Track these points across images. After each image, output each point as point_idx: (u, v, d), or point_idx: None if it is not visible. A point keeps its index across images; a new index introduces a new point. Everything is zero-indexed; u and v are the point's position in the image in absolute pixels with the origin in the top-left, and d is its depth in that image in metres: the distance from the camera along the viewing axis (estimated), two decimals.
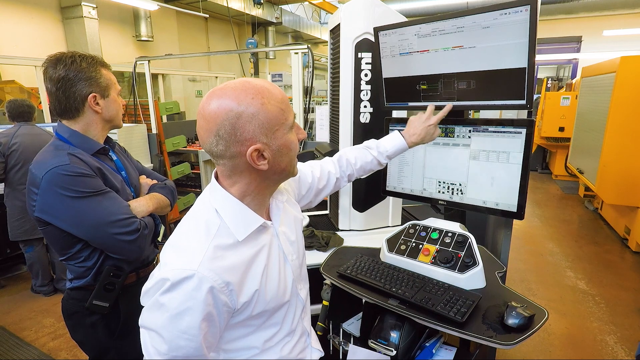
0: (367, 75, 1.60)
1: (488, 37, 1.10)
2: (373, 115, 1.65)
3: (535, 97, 6.60)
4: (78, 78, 1.11)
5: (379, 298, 1.14)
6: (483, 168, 1.25)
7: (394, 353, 1.12)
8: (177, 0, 7.86)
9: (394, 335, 1.14)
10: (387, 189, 1.54)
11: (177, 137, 3.96)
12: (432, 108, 1.24)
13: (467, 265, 1.17)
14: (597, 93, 4.14)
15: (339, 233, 1.72)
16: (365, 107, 1.64)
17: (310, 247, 1.55)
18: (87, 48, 6.11)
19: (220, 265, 0.68)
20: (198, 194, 0.81)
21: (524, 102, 1.11)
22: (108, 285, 1.18)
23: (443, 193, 1.37)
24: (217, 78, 5.90)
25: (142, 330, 0.68)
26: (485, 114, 1.59)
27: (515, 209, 1.20)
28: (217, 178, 0.78)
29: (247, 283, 0.72)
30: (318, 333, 1.24)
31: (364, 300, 1.26)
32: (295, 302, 0.87)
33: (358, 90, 1.62)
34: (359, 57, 1.57)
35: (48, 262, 3.06)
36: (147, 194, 1.31)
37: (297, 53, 2.83)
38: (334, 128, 1.82)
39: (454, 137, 1.31)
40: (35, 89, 4.49)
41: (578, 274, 3.33)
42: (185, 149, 4.19)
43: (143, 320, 0.67)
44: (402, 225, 1.39)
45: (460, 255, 1.20)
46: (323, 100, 6.62)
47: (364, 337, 1.29)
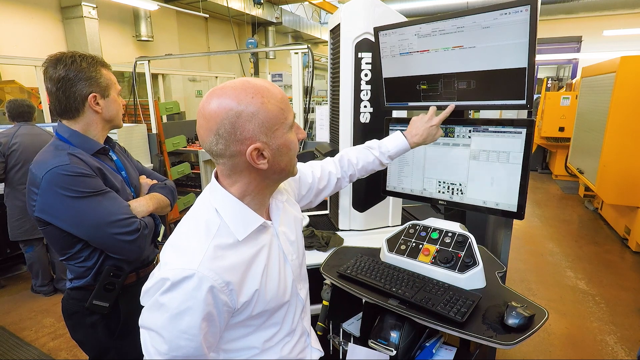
0: (367, 75, 1.60)
1: (488, 37, 1.10)
2: (373, 115, 1.65)
3: (535, 97, 6.59)
4: (78, 78, 1.11)
5: (379, 298, 1.14)
6: (483, 168, 1.25)
7: (394, 353, 1.12)
8: (177, 0, 7.86)
9: (394, 335, 1.14)
10: (387, 189, 1.54)
11: (177, 137, 3.96)
12: (434, 109, 1.25)
13: (467, 265, 1.17)
14: (597, 93, 4.14)
15: (339, 233, 1.72)
16: (365, 107, 1.64)
17: (310, 247, 1.55)
18: (87, 48, 6.11)
19: (221, 265, 0.68)
20: (198, 194, 0.81)
21: (524, 102, 1.11)
22: (108, 285, 1.18)
23: (443, 193, 1.37)
24: (217, 78, 5.90)
25: (142, 331, 0.68)
26: (485, 114, 1.59)
27: (515, 209, 1.20)
28: (217, 178, 0.78)
29: (247, 283, 0.72)
30: (318, 333, 1.24)
31: (364, 300, 1.26)
32: (295, 302, 0.87)
33: (358, 90, 1.62)
34: (359, 57, 1.57)
35: (48, 262, 3.06)
36: (147, 194, 1.31)
37: (297, 53, 2.83)
38: (334, 128, 1.82)
39: (454, 137, 1.31)
40: (35, 89, 4.49)
41: (578, 274, 3.33)
42: (185, 149, 4.19)
43: (143, 321, 0.67)
44: (402, 225, 1.39)
45: (460, 255, 1.20)
46: (323, 100, 6.62)
47: (364, 337, 1.29)
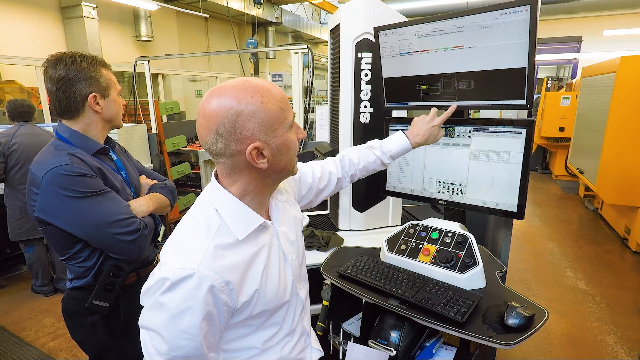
0: (367, 75, 1.60)
1: (488, 37, 1.10)
2: (373, 115, 1.65)
3: (535, 97, 6.60)
4: (78, 78, 1.11)
5: (379, 298, 1.14)
6: (483, 168, 1.25)
7: (394, 353, 1.12)
8: (177, 0, 7.86)
9: (394, 335, 1.14)
10: (387, 189, 1.54)
11: (177, 137, 3.96)
12: (435, 110, 1.25)
13: (467, 265, 1.17)
14: (597, 93, 4.14)
15: (339, 233, 1.72)
16: (365, 107, 1.64)
17: (310, 247, 1.55)
18: (87, 48, 6.11)
19: (221, 265, 0.68)
20: (198, 194, 0.81)
21: (524, 102, 1.11)
22: (108, 285, 1.18)
23: (443, 193, 1.37)
24: (217, 78, 5.90)
25: (141, 331, 0.68)
26: (485, 114, 1.59)
27: (516, 209, 1.20)
28: (217, 177, 0.78)
29: (247, 282, 0.72)
30: (318, 333, 1.24)
31: (364, 300, 1.26)
32: (295, 302, 0.87)
33: (358, 90, 1.62)
34: (359, 57, 1.57)
35: (48, 262, 3.06)
36: (147, 194, 1.31)
37: (297, 53, 2.83)
38: (334, 128, 1.82)
39: (454, 137, 1.31)
40: (35, 89, 4.49)
41: (578, 274, 3.33)
42: (185, 149, 4.19)
43: (143, 321, 0.67)
44: (402, 225, 1.39)
45: (460, 255, 1.20)
46: (323, 100, 6.62)
47: (364, 337, 1.29)
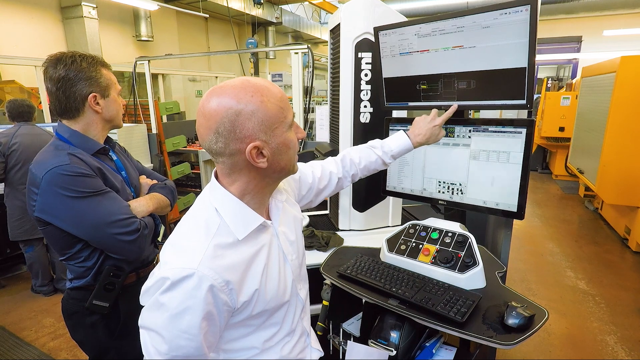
0: (367, 75, 1.60)
1: (488, 36, 1.10)
2: (373, 115, 1.65)
3: (536, 97, 6.60)
4: (78, 78, 1.11)
5: (379, 298, 1.14)
6: (483, 168, 1.25)
7: (394, 353, 1.12)
8: (177, 0, 7.86)
9: (394, 335, 1.14)
10: (387, 189, 1.54)
11: (177, 137, 3.96)
12: (436, 110, 1.25)
13: (467, 265, 1.17)
14: (597, 93, 4.14)
15: (339, 233, 1.72)
16: (365, 107, 1.64)
17: (310, 247, 1.55)
18: (87, 48, 6.11)
19: (220, 264, 0.68)
20: (198, 194, 0.81)
21: (524, 101, 1.11)
22: (108, 285, 1.18)
23: (443, 193, 1.36)
24: (217, 78, 5.90)
25: (141, 331, 0.68)
26: (486, 114, 1.59)
27: (516, 209, 1.20)
28: (216, 177, 0.78)
29: (247, 282, 0.72)
30: (318, 333, 1.24)
31: (364, 300, 1.26)
32: (295, 302, 0.87)
33: (358, 90, 1.62)
34: (359, 57, 1.57)
35: (48, 262, 3.06)
36: (147, 194, 1.31)
37: (297, 53, 2.83)
38: (334, 128, 1.82)
39: (454, 137, 1.31)
40: (35, 89, 4.49)
41: (578, 274, 3.33)
42: (185, 149, 4.19)
43: (143, 321, 0.67)
44: (402, 225, 1.39)
45: (460, 255, 1.20)
46: (323, 100, 6.62)
47: (364, 337, 1.29)
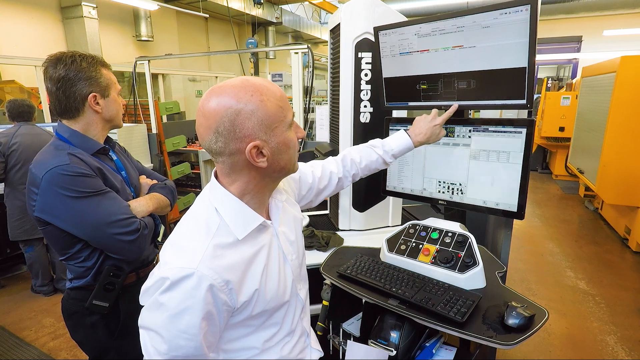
0: (367, 75, 1.59)
1: (488, 36, 1.10)
2: (373, 115, 1.65)
3: (536, 97, 6.60)
4: (78, 78, 1.11)
5: (379, 298, 1.14)
6: (483, 168, 1.25)
7: (394, 353, 1.12)
8: (177, 0, 7.86)
9: (394, 335, 1.14)
10: (387, 189, 1.54)
11: (177, 137, 3.96)
12: (436, 110, 1.25)
13: (467, 265, 1.17)
14: (597, 93, 4.14)
15: (339, 233, 1.72)
16: (365, 107, 1.64)
17: (310, 247, 1.55)
18: (87, 48, 6.11)
19: (220, 264, 0.68)
20: (198, 194, 0.81)
21: (524, 101, 1.11)
22: (108, 285, 1.18)
23: (443, 193, 1.36)
24: (217, 78, 5.90)
25: (141, 331, 0.68)
26: (486, 114, 1.59)
27: (516, 209, 1.20)
28: (216, 177, 0.78)
29: (246, 282, 0.72)
30: (318, 333, 1.24)
31: (364, 300, 1.26)
32: (295, 302, 0.87)
33: (358, 90, 1.62)
34: (359, 57, 1.57)
35: (48, 262, 3.06)
36: (147, 194, 1.31)
37: (297, 53, 2.83)
38: (334, 128, 1.82)
39: (454, 136, 1.31)
40: (35, 89, 4.49)
41: (578, 274, 3.33)
42: (185, 149, 4.19)
43: (142, 321, 0.67)
44: (402, 225, 1.39)
45: (461, 255, 1.20)
46: (323, 100, 6.62)
47: (364, 337, 1.29)
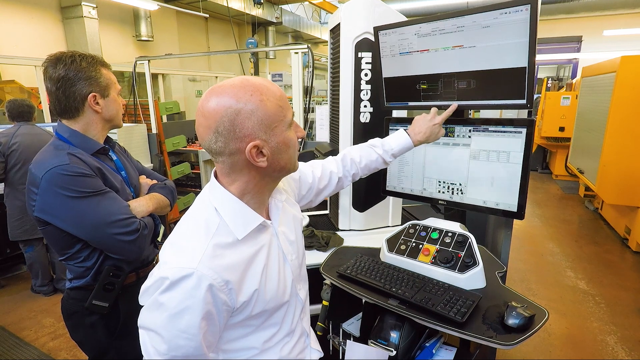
0: (367, 75, 1.59)
1: (488, 36, 1.10)
2: (373, 115, 1.65)
3: (536, 97, 6.59)
4: (78, 77, 1.11)
5: (379, 298, 1.14)
6: (483, 168, 1.25)
7: (394, 353, 1.12)
8: (177, 0, 7.86)
9: (394, 336, 1.14)
10: (387, 189, 1.54)
11: (177, 137, 3.96)
12: (435, 109, 1.25)
13: (467, 265, 1.17)
14: (597, 93, 4.14)
15: (339, 233, 1.72)
16: (365, 106, 1.64)
17: (310, 247, 1.55)
18: (87, 48, 6.10)
19: (220, 264, 0.68)
20: (198, 194, 0.81)
21: (524, 101, 1.11)
22: (108, 285, 1.18)
23: (443, 193, 1.36)
24: (217, 78, 5.90)
25: (141, 331, 0.68)
26: (486, 114, 1.59)
27: (516, 209, 1.20)
28: (216, 177, 0.77)
29: (246, 282, 0.72)
30: (318, 333, 1.23)
31: (364, 300, 1.26)
32: (295, 302, 0.87)
33: (358, 90, 1.61)
34: (359, 56, 1.57)
35: (48, 262, 3.06)
36: (147, 194, 1.31)
37: (297, 53, 2.83)
38: (334, 128, 1.82)
39: (454, 136, 1.30)
40: (35, 89, 4.49)
41: (578, 274, 3.33)
42: (185, 149, 4.19)
43: (142, 321, 0.67)
44: (402, 225, 1.39)
45: (461, 255, 1.20)
46: (323, 100, 6.61)
47: (364, 337, 1.29)
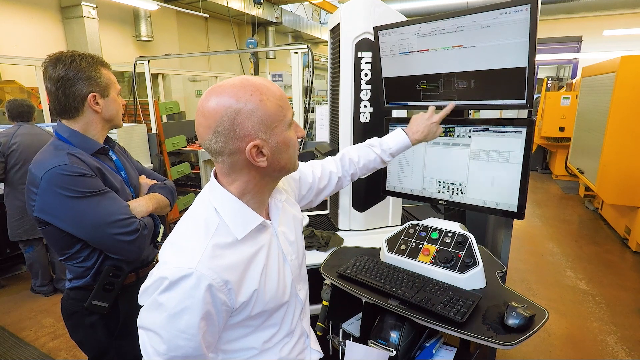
0: (367, 75, 1.59)
1: (488, 36, 1.10)
2: (373, 115, 1.65)
3: (536, 97, 6.59)
4: (78, 77, 1.11)
5: (379, 298, 1.14)
6: (483, 168, 1.25)
7: (394, 353, 1.12)
8: (177, 0, 7.86)
9: (394, 336, 1.14)
10: (387, 189, 1.54)
11: (177, 137, 3.96)
12: (433, 107, 1.25)
13: (467, 265, 1.17)
14: (597, 93, 4.14)
15: (339, 233, 1.72)
16: (365, 106, 1.64)
17: (310, 247, 1.55)
18: (87, 48, 6.10)
19: (219, 264, 0.68)
20: (198, 194, 0.81)
21: (524, 101, 1.11)
22: (107, 285, 1.18)
23: (443, 193, 1.36)
24: (217, 78, 5.90)
25: (140, 331, 0.68)
26: (486, 114, 1.59)
27: (516, 209, 1.20)
28: (216, 176, 0.77)
29: (246, 282, 0.72)
30: (318, 333, 1.23)
31: (364, 301, 1.26)
32: (295, 302, 0.87)
33: (358, 90, 1.61)
34: (359, 56, 1.57)
35: (48, 262, 3.06)
36: (146, 194, 1.31)
37: (297, 53, 2.83)
38: (334, 128, 1.82)
39: (454, 136, 1.30)
40: (35, 89, 4.49)
41: (578, 274, 3.33)
42: (185, 149, 4.19)
43: (141, 321, 0.67)
44: (402, 225, 1.39)
45: (460, 255, 1.20)
46: (323, 100, 6.61)
47: (364, 337, 1.29)
